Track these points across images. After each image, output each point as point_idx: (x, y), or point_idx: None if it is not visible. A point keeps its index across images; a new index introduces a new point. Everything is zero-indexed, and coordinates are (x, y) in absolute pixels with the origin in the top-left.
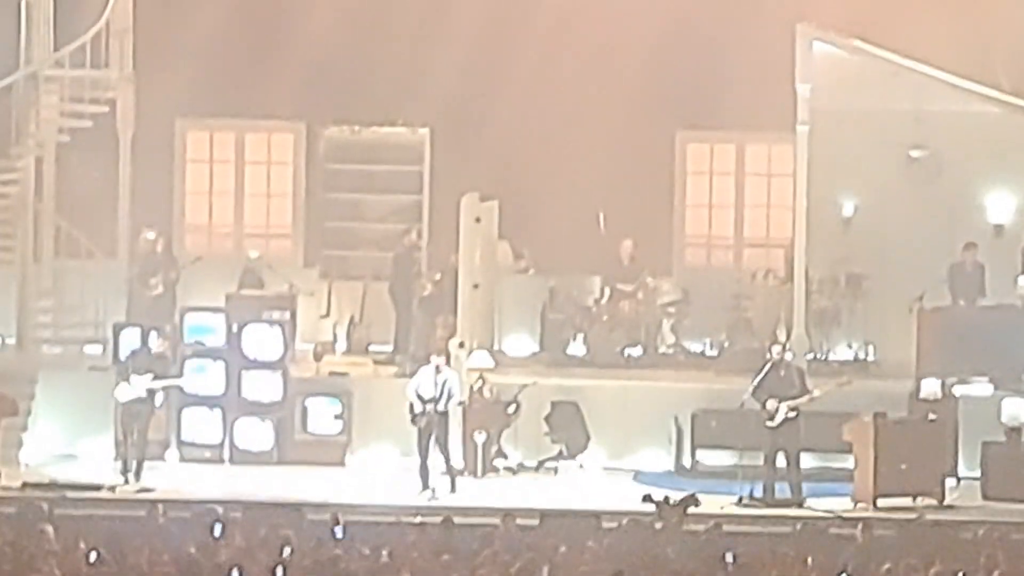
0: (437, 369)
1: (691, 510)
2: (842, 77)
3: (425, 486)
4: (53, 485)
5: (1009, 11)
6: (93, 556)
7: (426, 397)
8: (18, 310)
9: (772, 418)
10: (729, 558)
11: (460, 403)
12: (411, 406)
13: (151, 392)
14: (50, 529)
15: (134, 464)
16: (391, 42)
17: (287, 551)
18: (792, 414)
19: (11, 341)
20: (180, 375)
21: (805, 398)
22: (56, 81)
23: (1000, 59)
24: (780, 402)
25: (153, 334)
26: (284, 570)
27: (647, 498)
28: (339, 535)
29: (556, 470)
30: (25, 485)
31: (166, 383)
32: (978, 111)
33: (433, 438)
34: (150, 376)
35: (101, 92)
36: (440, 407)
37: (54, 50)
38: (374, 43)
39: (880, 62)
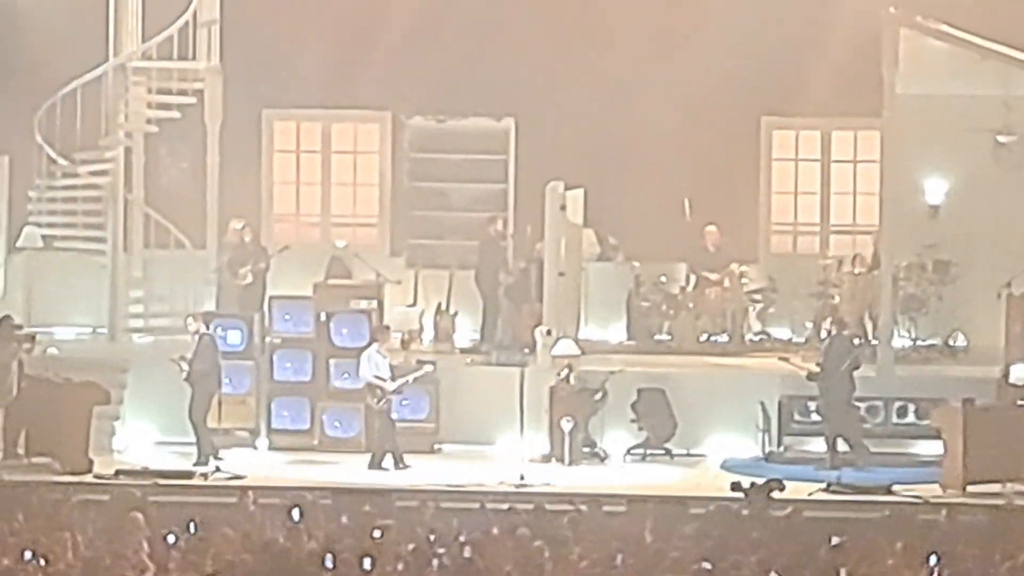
0: (379, 352)
1: (778, 495)
2: (929, 62)
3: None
4: (146, 472)
5: None
6: (178, 540)
7: (385, 378)
8: (109, 300)
9: None
10: (834, 540)
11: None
12: (374, 389)
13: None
14: (140, 516)
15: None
16: (474, 32)
17: (377, 534)
18: None
19: (103, 331)
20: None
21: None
22: (144, 72)
23: None
24: None
25: (189, 318)
26: (373, 559)
27: (736, 486)
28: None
29: (644, 457)
30: (118, 473)
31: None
32: None
33: (389, 420)
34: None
35: (189, 83)
36: (392, 389)
37: (142, 41)
38: (457, 33)
39: (967, 47)
